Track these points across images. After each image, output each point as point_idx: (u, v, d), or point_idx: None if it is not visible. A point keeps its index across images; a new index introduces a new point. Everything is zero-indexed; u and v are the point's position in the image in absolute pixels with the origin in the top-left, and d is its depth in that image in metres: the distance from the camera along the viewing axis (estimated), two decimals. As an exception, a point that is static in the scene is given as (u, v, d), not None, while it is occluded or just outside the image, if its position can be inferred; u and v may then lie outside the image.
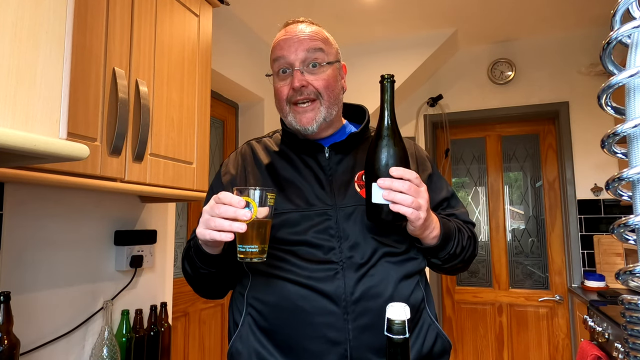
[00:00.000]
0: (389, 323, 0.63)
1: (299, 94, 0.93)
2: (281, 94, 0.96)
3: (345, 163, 0.98)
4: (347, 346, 0.84)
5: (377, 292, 0.87)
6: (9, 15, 0.62)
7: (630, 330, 0.46)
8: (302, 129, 0.95)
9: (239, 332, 0.92)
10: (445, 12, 2.70)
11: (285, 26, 1.00)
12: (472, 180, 3.38)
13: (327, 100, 0.95)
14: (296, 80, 0.92)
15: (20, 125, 0.63)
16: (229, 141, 2.86)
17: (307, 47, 0.94)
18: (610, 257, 2.78)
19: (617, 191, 0.47)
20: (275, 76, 0.98)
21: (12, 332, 1.04)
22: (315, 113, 0.94)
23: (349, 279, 0.87)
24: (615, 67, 0.46)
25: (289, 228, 0.91)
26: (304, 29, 0.96)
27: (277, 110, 1.01)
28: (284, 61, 0.94)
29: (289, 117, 0.96)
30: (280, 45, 0.96)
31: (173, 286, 1.86)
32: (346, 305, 0.85)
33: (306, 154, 0.99)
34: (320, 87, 0.94)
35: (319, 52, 0.95)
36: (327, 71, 0.95)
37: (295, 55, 0.93)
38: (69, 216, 1.36)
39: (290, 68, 0.94)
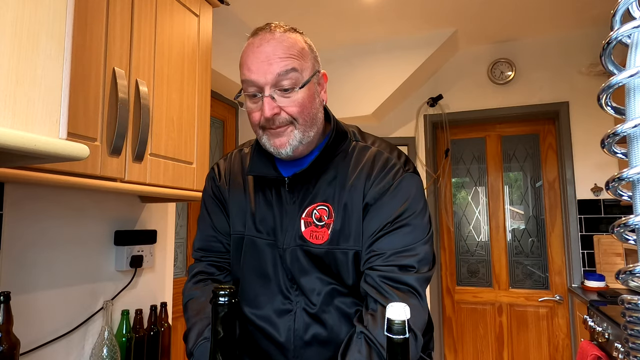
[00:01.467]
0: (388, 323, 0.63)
1: (271, 122, 0.84)
2: (253, 119, 0.87)
3: (301, 196, 0.90)
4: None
5: (329, 336, 0.85)
6: (9, 15, 0.62)
7: (630, 330, 0.46)
8: (275, 152, 0.87)
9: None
10: (445, 12, 2.70)
11: (254, 35, 0.86)
12: (472, 180, 3.38)
13: (303, 125, 0.85)
14: (267, 110, 0.82)
15: (21, 125, 0.63)
16: (229, 141, 2.86)
17: (278, 71, 0.81)
18: (610, 257, 2.78)
19: (617, 191, 0.47)
20: (245, 96, 0.87)
21: (12, 332, 1.04)
22: (289, 137, 0.85)
23: (298, 322, 0.86)
24: (615, 67, 0.46)
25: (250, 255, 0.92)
26: (275, 45, 0.83)
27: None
28: (253, 84, 0.83)
29: (263, 139, 0.88)
30: (248, 66, 0.83)
31: (173, 286, 1.86)
32: (296, 349, 0.86)
33: (268, 186, 0.93)
34: (295, 113, 0.83)
35: (292, 72, 0.82)
36: (301, 94, 0.84)
37: (264, 78, 0.81)
38: (69, 216, 1.36)
39: (260, 92, 0.83)
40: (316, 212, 0.87)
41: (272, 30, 0.85)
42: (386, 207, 0.84)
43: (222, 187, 0.99)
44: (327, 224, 0.86)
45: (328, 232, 0.85)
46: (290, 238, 0.88)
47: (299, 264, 0.87)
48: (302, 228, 0.87)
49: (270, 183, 0.92)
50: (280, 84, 0.82)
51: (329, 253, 0.85)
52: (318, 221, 0.87)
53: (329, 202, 0.87)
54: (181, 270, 2.35)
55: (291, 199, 0.90)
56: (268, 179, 0.92)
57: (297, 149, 0.87)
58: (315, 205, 0.88)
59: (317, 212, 0.87)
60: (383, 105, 3.11)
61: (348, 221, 0.85)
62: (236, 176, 0.99)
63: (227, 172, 1.01)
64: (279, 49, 0.82)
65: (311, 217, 0.88)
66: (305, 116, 0.85)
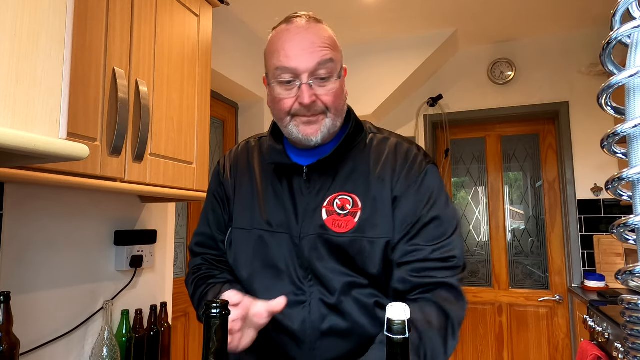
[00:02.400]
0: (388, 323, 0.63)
1: (306, 110, 0.84)
2: (283, 106, 0.85)
3: (320, 185, 0.89)
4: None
5: (346, 327, 0.83)
6: (9, 15, 0.62)
7: (630, 330, 0.46)
8: (305, 140, 0.86)
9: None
10: (445, 12, 2.70)
11: (288, 22, 0.88)
12: (472, 180, 3.38)
13: (334, 114, 0.87)
14: (307, 97, 0.82)
15: (21, 125, 0.63)
16: (229, 141, 2.86)
17: (318, 60, 0.82)
18: (610, 257, 2.78)
19: (617, 191, 0.47)
20: (275, 83, 0.86)
21: (12, 332, 1.04)
22: (320, 125, 0.86)
23: (314, 314, 0.84)
24: (615, 67, 0.46)
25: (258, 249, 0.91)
26: (315, 34, 0.84)
27: (273, 116, 0.92)
28: (290, 71, 0.83)
29: (290, 127, 0.87)
30: (286, 53, 0.83)
31: (173, 286, 1.86)
32: (312, 342, 0.83)
33: (284, 174, 0.92)
34: (329, 102, 0.85)
35: (329, 62, 0.84)
36: (336, 84, 0.86)
37: (304, 65, 0.82)
38: (69, 216, 1.36)
39: (297, 80, 0.83)
40: (338, 202, 0.87)
41: (308, 19, 0.87)
42: (415, 200, 0.85)
43: (226, 182, 0.98)
44: (352, 212, 0.85)
45: (354, 220, 0.85)
46: (308, 227, 0.86)
47: (317, 253, 0.85)
48: (324, 216, 0.86)
49: (284, 173, 0.91)
50: (317, 73, 0.83)
51: (355, 241, 0.83)
52: (341, 210, 0.86)
53: (353, 193, 0.87)
54: (181, 270, 2.35)
55: (308, 188, 0.89)
56: (283, 169, 0.91)
57: (326, 136, 0.87)
58: (337, 195, 0.87)
59: (339, 201, 0.87)
60: (383, 105, 3.11)
61: (376, 212, 0.85)
62: (243, 169, 0.97)
63: (233, 165, 0.99)
64: (318, 39, 0.84)
65: (333, 206, 0.87)
66: (337, 106, 0.86)
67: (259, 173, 0.95)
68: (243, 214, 0.93)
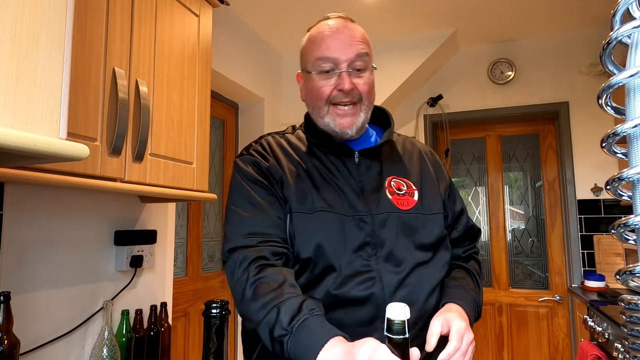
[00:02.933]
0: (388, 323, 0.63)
1: (344, 96, 0.92)
2: (322, 93, 0.93)
3: (373, 169, 0.97)
4: None
5: (411, 299, 0.86)
6: (9, 15, 0.62)
7: (630, 330, 0.46)
8: (340, 132, 0.94)
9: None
10: (445, 12, 2.70)
11: (326, 20, 0.98)
12: (472, 180, 3.38)
13: (367, 106, 0.95)
14: (346, 83, 0.91)
15: (20, 125, 0.63)
16: (229, 141, 2.86)
17: (357, 51, 0.92)
18: (610, 257, 2.77)
19: (617, 191, 0.47)
20: (315, 74, 0.94)
21: (12, 332, 1.04)
22: (356, 117, 0.94)
23: (387, 288, 0.86)
24: (615, 67, 0.46)
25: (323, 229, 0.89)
26: (353, 30, 0.95)
27: (310, 108, 0.99)
28: (331, 60, 0.92)
29: (327, 119, 0.94)
30: (327, 45, 0.92)
31: (173, 286, 1.86)
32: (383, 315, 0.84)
33: (335, 156, 0.96)
34: (364, 91, 0.94)
35: (365, 56, 0.93)
36: (370, 76, 0.96)
37: (345, 55, 0.91)
38: (69, 216, 1.36)
39: (336, 68, 0.92)
40: (394, 183, 0.96)
41: (344, 18, 0.98)
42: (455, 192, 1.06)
43: (273, 167, 0.94)
44: (409, 192, 0.96)
45: (414, 198, 0.95)
46: (375, 205, 0.91)
47: (387, 229, 0.90)
48: (389, 196, 0.94)
49: (337, 156, 0.97)
50: (355, 64, 0.92)
51: (419, 217, 0.92)
52: (398, 190, 0.95)
53: (404, 177, 0.98)
54: (181, 270, 2.36)
55: (363, 171, 0.96)
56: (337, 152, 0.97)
57: (359, 128, 0.96)
58: (392, 178, 0.96)
59: (394, 183, 0.96)
60: (383, 105, 3.10)
61: (429, 192, 0.98)
62: (282, 157, 0.96)
63: (271, 153, 0.97)
64: (356, 34, 0.94)
65: (392, 187, 0.95)
66: (369, 97, 0.96)
67: (300, 161, 0.96)
68: (300, 199, 0.91)
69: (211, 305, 0.66)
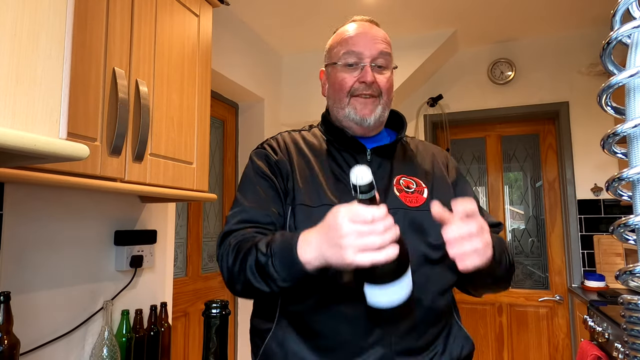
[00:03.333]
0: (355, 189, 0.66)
1: (366, 88, 0.97)
2: (345, 84, 0.98)
3: (384, 168, 0.98)
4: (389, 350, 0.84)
5: (416, 299, 0.85)
6: (9, 15, 0.62)
7: (630, 330, 0.46)
8: (360, 120, 0.98)
9: (273, 332, 0.90)
10: (445, 12, 2.70)
11: (352, 21, 1.05)
12: (472, 180, 3.38)
13: (385, 101, 1.00)
14: (369, 76, 0.96)
15: (20, 125, 0.63)
16: (229, 141, 2.86)
17: (380, 49, 0.98)
18: (610, 257, 2.77)
19: (617, 191, 0.47)
20: (339, 67, 1.00)
21: (12, 332, 1.04)
22: (376, 107, 0.98)
23: None
24: (615, 67, 0.46)
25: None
26: (378, 31, 1.01)
27: (330, 100, 1.04)
28: (356, 55, 0.98)
29: (347, 109, 0.98)
30: (354, 40, 0.99)
31: (173, 286, 1.86)
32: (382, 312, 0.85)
33: (348, 152, 0.99)
34: (385, 87, 0.99)
35: (387, 55, 1.00)
36: (391, 75, 1.01)
37: (369, 51, 0.97)
38: (69, 216, 1.36)
39: (360, 62, 0.98)
40: (402, 182, 0.97)
41: (370, 20, 1.04)
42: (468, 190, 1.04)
43: (281, 161, 0.97)
44: (418, 190, 0.97)
45: (423, 196, 0.96)
46: (390, 202, 0.91)
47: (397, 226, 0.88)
48: (397, 193, 0.95)
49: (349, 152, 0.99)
50: (377, 61, 0.98)
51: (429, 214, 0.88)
52: (407, 188, 0.96)
53: (414, 176, 0.99)
54: (181, 270, 2.36)
55: (373, 168, 0.96)
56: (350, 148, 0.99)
57: (377, 121, 1.00)
58: (401, 176, 0.98)
59: (403, 181, 0.97)
60: (383, 105, 3.11)
61: (440, 190, 0.98)
62: (294, 152, 1.00)
63: (282, 149, 1.00)
64: (380, 35, 1.01)
65: (400, 185, 0.96)
66: (388, 94, 1.00)
67: (312, 155, 0.99)
68: (306, 192, 0.93)
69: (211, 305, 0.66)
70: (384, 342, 0.84)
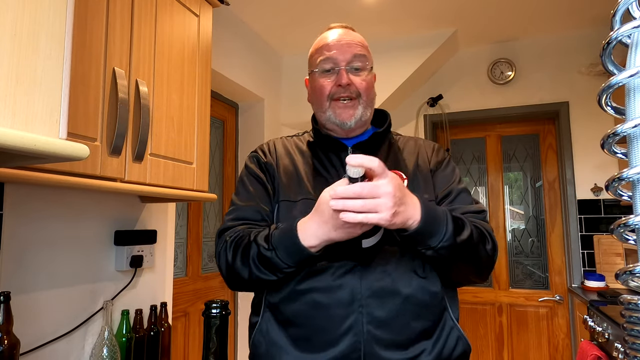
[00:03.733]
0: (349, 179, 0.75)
1: (343, 91, 1.01)
2: (324, 90, 1.03)
3: None
4: (361, 338, 0.86)
5: (393, 289, 0.88)
6: (9, 16, 0.62)
7: (630, 330, 0.46)
8: (340, 124, 1.02)
9: (259, 325, 0.96)
10: (445, 12, 2.70)
11: (329, 29, 1.09)
12: (472, 180, 3.38)
13: (365, 101, 1.03)
14: (343, 78, 1.00)
15: (20, 125, 0.63)
16: (229, 141, 2.86)
17: (354, 52, 1.02)
18: (610, 257, 2.78)
19: (617, 191, 0.47)
20: (318, 74, 1.05)
21: (12, 332, 1.04)
22: (355, 110, 1.02)
23: (366, 274, 0.89)
24: (615, 67, 0.46)
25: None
26: (352, 36, 1.06)
27: (313, 106, 1.09)
28: (332, 60, 1.02)
29: (328, 112, 1.03)
30: (329, 47, 1.04)
31: (173, 286, 1.86)
32: (361, 299, 0.88)
33: (332, 152, 1.05)
34: (362, 88, 1.02)
35: (363, 57, 1.04)
36: (368, 75, 1.04)
37: (343, 56, 1.02)
38: (69, 216, 1.36)
39: (336, 67, 1.02)
40: None
41: (346, 27, 1.09)
42: (446, 174, 1.05)
43: (268, 163, 1.06)
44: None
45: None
46: None
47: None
48: None
49: (331, 151, 1.04)
50: (352, 64, 1.02)
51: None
52: None
53: (396, 168, 1.00)
54: (181, 270, 2.36)
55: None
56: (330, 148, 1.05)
57: (359, 122, 1.03)
58: None
59: None
60: (383, 105, 3.11)
61: (420, 180, 1.01)
62: (282, 154, 1.08)
63: (272, 151, 1.09)
64: (355, 39, 1.05)
65: None
66: (367, 94, 1.04)
67: (299, 156, 1.06)
68: (289, 189, 1.00)
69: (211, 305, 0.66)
70: (356, 330, 0.86)
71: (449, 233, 0.83)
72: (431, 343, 0.90)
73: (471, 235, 0.87)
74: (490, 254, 0.92)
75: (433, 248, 0.84)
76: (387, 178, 0.75)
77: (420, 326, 0.89)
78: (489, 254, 0.92)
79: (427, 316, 0.90)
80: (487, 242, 0.92)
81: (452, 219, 0.85)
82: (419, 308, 0.89)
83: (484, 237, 0.92)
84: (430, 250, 0.84)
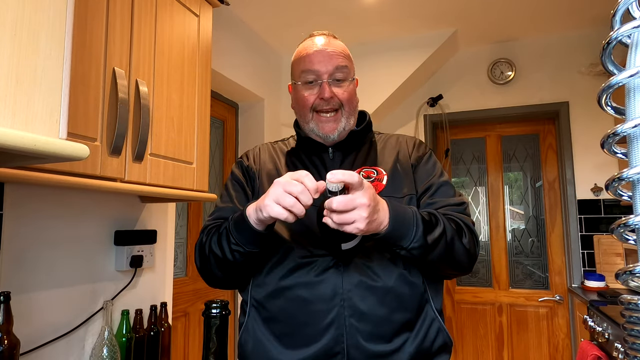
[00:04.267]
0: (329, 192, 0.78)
1: (326, 104, 1.02)
2: (307, 102, 1.04)
3: (346, 162, 1.05)
4: (343, 331, 0.88)
5: (374, 282, 0.91)
6: (9, 15, 0.62)
7: (630, 330, 0.46)
8: (323, 137, 1.04)
9: (245, 324, 0.98)
10: (445, 12, 2.70)
11: (311, 37, 1.09)
12: (472, 180, 3.38)
13: (348, 112, 1.04)
14: (326, 92, 1.01)
15: (21, 125, 0.63)
16: (229, 141, 2.86)
17: (336, 64, 1.03)
18: (610, 257, 2.78)
19: (617, 191, 0.47)
20: (300, 85, 1.06)
21: (12, 332, 1.04)
22: (337, 123, 1.03)
23: (347, 270, 0.91)
24: (615, 67, 0.46)
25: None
26: (334, 46, 1.05)
27: (297, 115, 1.10)
28: (314, 73, 1.03)
29: (311, 124, 1.04)
30: (310, 58, 1.04)
31: (173, 286, 1.86)
32: (343, 293, 0.89)
33: (314, 153, 1.07)
34: (344, 99, 1.03)
35: (344, 68, 1.04)
36: (349, 86, 1.05)
37: (325, 68, 1.02)
38: (69, 216, 1.36)
39: (318, 79, 1.03)
40: (363, 173, 1.02)
41: (327, 36, 1.08)
42: (427, 168, 1.05)
43: (250, 166, 1.09)
44: (378, 178, 1.01)
45: (382, 183, 1.00)
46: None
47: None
48: None
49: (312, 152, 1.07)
50: (335, 75, 1.03)
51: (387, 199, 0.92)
52: (367, 178, 1.01)
53: (375, 166, 1.04)
54: (181, 270, 2.36)
55: (334, 163, 1.05)
56: (311, 149, 1.07)
57: (342, 133, 1.04)
58: (362, 168, 1.03)
59: (364, 173, 1.02)
60: (383, 105, 3.11)
61: (400, 176, 1.02)
62: (266, 158, 1.10)
63: (256, 155, 1.12)
64: (335, 50, 1.05)
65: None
66: (350, 104, 1.05)
67: (283, 160, 1.09)
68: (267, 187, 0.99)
69: (211, 305, 0.66)
70: (339, 323, 0.88)
71: (419, 234, 0.85)
72: (413, 334, 0.91)
73: (444, 233, 0.88)
74: (468, 247, 0.93)
75: (405, 248, 0.86)
76: (362, 190, 0.78)
77: (402, 318, 0.90)
78: (466, 247, 0.92)
79: (409, 308, 0.92)
80: (464, 235, 0.93)
81: (421, 219, 0.87)
82: (400, 300, 0.91)
83: (461, 231, 0.93)
84: (403, 250, 0.86)
